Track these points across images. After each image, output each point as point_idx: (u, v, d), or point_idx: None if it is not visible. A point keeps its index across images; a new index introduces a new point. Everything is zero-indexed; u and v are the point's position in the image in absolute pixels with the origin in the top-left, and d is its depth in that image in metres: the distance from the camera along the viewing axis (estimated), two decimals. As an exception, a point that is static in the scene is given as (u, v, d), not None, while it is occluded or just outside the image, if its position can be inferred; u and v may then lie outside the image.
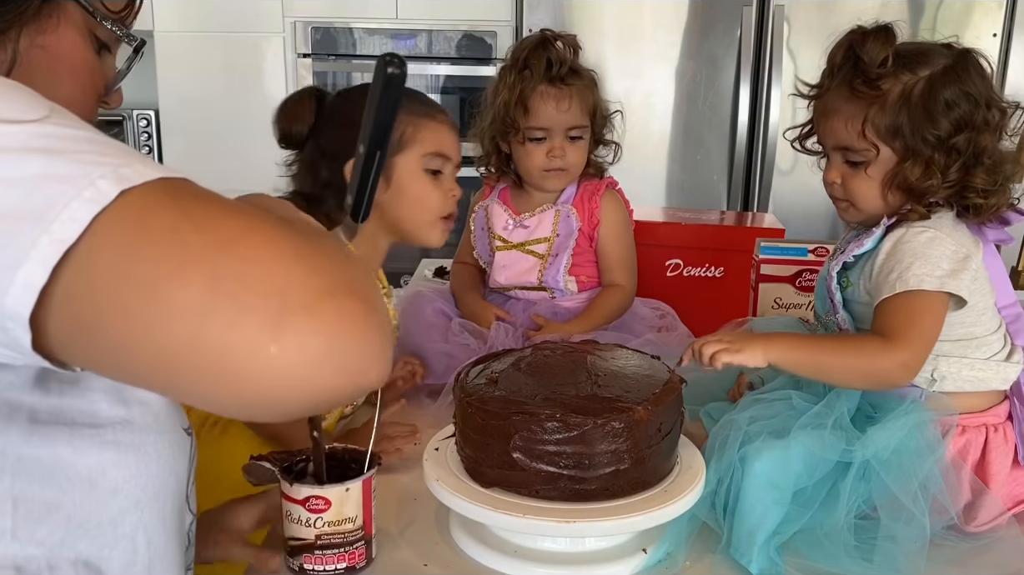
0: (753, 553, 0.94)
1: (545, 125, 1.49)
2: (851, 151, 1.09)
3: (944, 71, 1.05)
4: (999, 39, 2.89)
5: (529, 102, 1.47)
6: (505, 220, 1.58)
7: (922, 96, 1.04)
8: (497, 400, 0.94)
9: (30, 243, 0.45)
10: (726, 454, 1.01)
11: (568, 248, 1.54)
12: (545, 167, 1.51)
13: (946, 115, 1.03)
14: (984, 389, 1.09)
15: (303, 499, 0.87)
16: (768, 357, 1.04)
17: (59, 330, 0.47)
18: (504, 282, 1.57)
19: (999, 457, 1.07)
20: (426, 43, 3.16)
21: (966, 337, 1.08)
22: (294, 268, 0.46)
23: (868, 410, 1.08)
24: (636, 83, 2.96)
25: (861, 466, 1.00)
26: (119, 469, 0.62)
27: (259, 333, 0.44)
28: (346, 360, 0.47)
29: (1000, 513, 1.05)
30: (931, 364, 1.07)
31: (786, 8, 2.85)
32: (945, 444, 1.03)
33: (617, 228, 1.57)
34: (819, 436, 1.00)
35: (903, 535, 0.96)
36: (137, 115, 3.26)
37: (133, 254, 0.46)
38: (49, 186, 0.46)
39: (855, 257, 1.11)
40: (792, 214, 2.77)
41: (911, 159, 1.05)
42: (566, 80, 1.48)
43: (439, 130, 1.28)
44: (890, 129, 1.05)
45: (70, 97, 0.70)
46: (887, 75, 1.05)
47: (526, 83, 1.47)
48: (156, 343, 0.46)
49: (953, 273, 1.03)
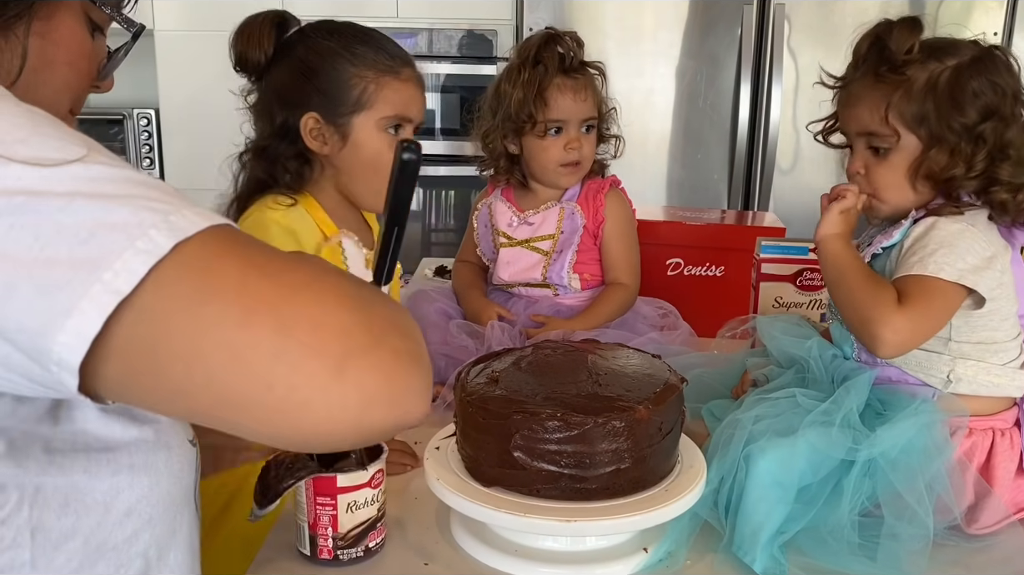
0: (757, 551, 0.94)
1: (563, 117, 1.49)
2: (875, 136, 1.08)
3: (972, 61, 1.04)
4: (999, 38, 2.89)
5: (547, 94, 1.48)
6: (509, 217, 1.58)
7: (949, 83, 1.03)
8: (498, 399, 0.94)
9: (82, 291, 0.46)
10: (730, 452, 1.01)
11: (572, 245, 1.54)
12: (562, 161, 1.51)
13: (972, 103, 1.03)
14: (998, 394, 1.08)
15: (370, 479, 0.90)
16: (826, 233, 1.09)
17: (115, 376, 0.48)
18: (508, 279, 1.57)
19: (1004, 462, 1.07)
20: (427, 42, 3.16)
21: (987, 340, 1.07)
22: (356, 312, 0.50)
23: (877, 406, 1.07)
24: (636, 82, 2.96)
25: (866, 463, 1.00)
26: (132, 490, 0.62)
27: (324, 374, 0.48)
28: (396, 397, 0.50)
29: (1003, 517, 1.04)
30: (948, 365, 1.06)
31: (787, 7, 2.85)
32: (954, 445, 1.02)
33: (621, 226, 1.57)
34: (826, 434, 1.00)
35: (906, 534, 0.96)
36: (137, 115, 3.26)
37: (200, 302, 0.47)
38: (102, 234, 0.47)
39: (883, 249, 1.11)
40: (793, 213, 2.76)
41: (936, 147, 1.04)
42: (579, 72, 1.50)
43: (402, 90, 1.24)
44: (916, 116, 1.05)
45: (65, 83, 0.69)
46: (913, 62, 1.04)
47: (542, 77, 1.48)
48: (224, 386, 0.48)
49: (976, 269, 1.02)
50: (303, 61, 1.21)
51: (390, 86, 1.22)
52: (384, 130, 1.23)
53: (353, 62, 1.21)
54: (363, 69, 1.21)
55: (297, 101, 1.21)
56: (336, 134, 1.22)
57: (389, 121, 1.23)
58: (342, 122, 1.22)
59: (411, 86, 1.25)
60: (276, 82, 1.24)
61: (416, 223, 3.32)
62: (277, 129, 1.22)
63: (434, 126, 3.23)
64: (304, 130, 1.22)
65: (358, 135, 1.22)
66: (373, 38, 1.25)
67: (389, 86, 1.22)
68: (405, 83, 1.24)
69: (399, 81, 1.23)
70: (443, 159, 3.21)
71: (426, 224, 3.32)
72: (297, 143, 1.23)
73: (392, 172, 0.71)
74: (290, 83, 1.22)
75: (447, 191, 3.29)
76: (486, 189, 1.65)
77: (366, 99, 1.21)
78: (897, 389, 1.08)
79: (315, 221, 1.25)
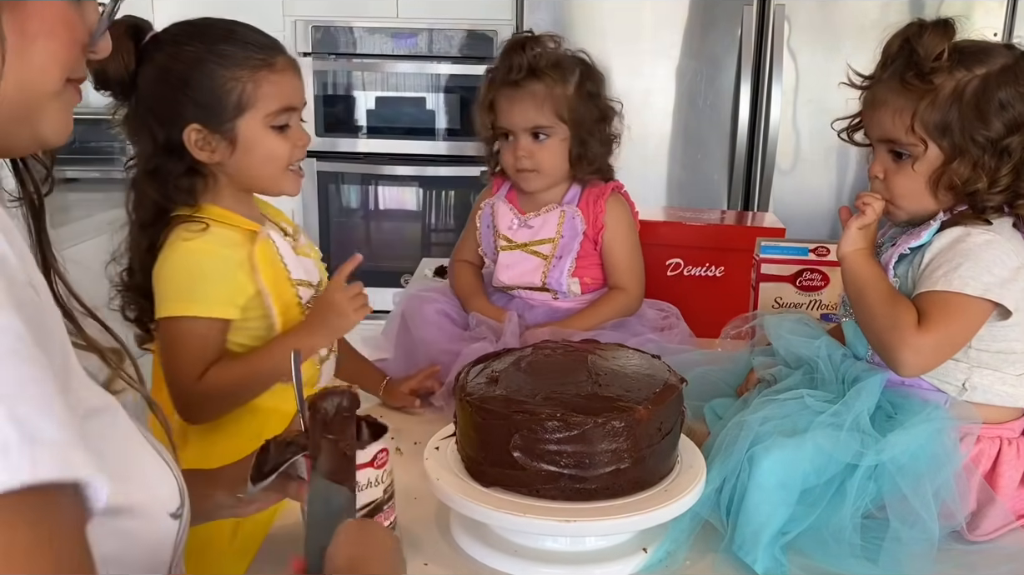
0: (758, 552, 0.94)
1: (505, 125, 1.50)
2: (897, 144, 1.06)
3: (1001, 71, 1.02)
4: (1000, 39, 2.89)
5: (495, 103, 1.50)
6: (510, 219, 1.58)
7: (975, 94, 1.01)
8: (497, 399, 0.94)
9: None
10: (734, 453, 1.00)
11: (572, 250, 1.54)
12: (516, 167, 1.52)
13: (999, 116, 1.01)
14: (1011, 405, 1.07)
15: (371, 459, 0.89)
16: (847, 250, 1.08)
17: None
18: (508, 282, 1.57)
19: (1009, 470, 1.06)
20: (427, 42, 3.16)
21: (1006, 351, 1.06)
22: None
23: (888, 409, 1.06)
24: (636, 82, 2.96)
25: (870, 466, 1.00)
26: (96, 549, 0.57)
27: None
28: None
29: (1005, 524, 1.04)
30: (964, 374, 1.06)
31: (787, 7, 2.84)
32: (963, 454, 1.02)
33: (622, 232, 1.56)
34: (835, 436, 0.99)
35: (910, 537, 0.96)
36: (137, 114, 3.26)
37: None
38: None
39: (911, 250, 1.09)
40: (793, 214, 2.76)
41: (959, 158, 1.02)
42: (522, 82, 1.47)
43: (280, 81, 1.20)
44: (939, 126, 1.02)
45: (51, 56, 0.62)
46: (941, 70, 1.02)
47: (492, 85, 1.50)
48: None
49: (1003, 282, 1.00)
50: (171, 71, 1.16)
51: (267, 80, 1.18)
52: (271, 125, 1.20)
53: (224, 64, 1.17)
54: (236, 70, 1.17)
55: (174, 115, 1.16)
56: (223, 140, 1.19)
57: (275, 116, 1.20)
58: (227, 128, 1.18)
59: (288, 74, 1.21)
60: (147, 97, 1.18)
61: (416, 223, 3.32)
62: (161, 147, 1.18)
63: (434, 126, 3.23)
64: (189, 143, 1.18)
65: (246, 136, 1.19)
66: (237, 33, 1.20)
67: (267, 80, 1.18)
68: (281, 73, 1.20)
69: (275, 73, 1.19)
70: (443, 159, 3.22)
71: (426, 224, 3.32)
72: (185, 158, 1.19)
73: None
74: (162, 97, 1.16)
75: (447, 191, 3.29)
76: (490, 187, 1.65)
77: (246, 99, 1.17)
78: (909, 393, 1.07)
79: (234, 227, 1.22)
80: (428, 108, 3.23)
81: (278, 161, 1.22)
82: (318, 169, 3.20)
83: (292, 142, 1.22)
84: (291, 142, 1.22)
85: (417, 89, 3.21)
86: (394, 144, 3.22)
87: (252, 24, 1.22)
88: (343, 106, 3.23)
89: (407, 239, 3.29)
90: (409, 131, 3.23)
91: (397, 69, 3.19)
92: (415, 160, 3.22)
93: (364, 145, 3.23)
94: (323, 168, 3.19)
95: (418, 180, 3.24)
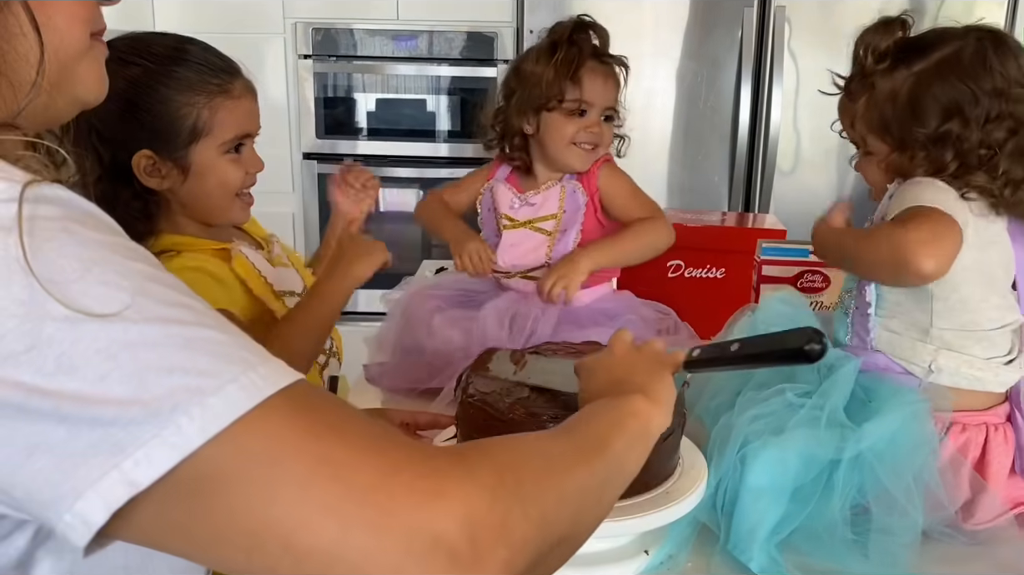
0: (753, 551, 0.94)
1: (590, 99, 1.49)
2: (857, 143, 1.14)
3: (938, 64, 1.03)
4: (1000, 39, 2.90)
5: (580, 74, 1.48)
6: (511, 199, 1.57)
7: (909, 93, 1.05)
8: (499, 400, 0.93)
9: (97, 475, 0.44)
10: (726, 455, 1.01)
11: (576, 223, 1.52)
12: (579, 139, 1.50)
13: (933, 109, 1.03)
14: (980, 389, 1.07)
15: None
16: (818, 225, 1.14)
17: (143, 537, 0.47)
18: (512, 261, 1.55)
19: (998, 457, 1.06)
20: (427, 44, 3.16)
21: (969, 326, 1.05)
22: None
23: (862, 395, 1.06)
24: (636, 84, 2.94)
25: (853, 457, 1.00)
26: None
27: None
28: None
29: (1000, 513, 1.04)
30: (931, 355, 1.05)
31: (787, 9, 2.84)
32: (940, 436, 1.02)
33: (617, 182, 1.55)
34: (814, 435, 1.00)
35: (896, 528, 0.96)
36: (138, 116, 3.26)
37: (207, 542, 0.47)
38: (128, 415, 0.44)
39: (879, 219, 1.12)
40: (793, 215, 2.75)
41: (902, 151, 1.07)
42: (610, 61, 1.52)
43: (236, 108, 1.15)
44: (879, 125, 1.08)
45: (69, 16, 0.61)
46: (880, 72, 1.07)
47: (576, 57, 1.49)
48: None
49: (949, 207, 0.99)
50: (119, 94, 1.05)
51: (224, 107, 1.14)
52: (226, 152, 1.16)
53: (178, 89, 1.11)
54: (191, 95, 1.12)
55: (123, 139, 1.10)
56: (175, 168, 1.14)
57: (230, 143, 1.16)
58: (179, 155, 1.13)
59: (245, 100, 1.17)
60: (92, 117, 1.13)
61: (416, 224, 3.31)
62: (107, 170, 1.11)
63: (435, 128, 3.23)
64: (138, 169, 1.12)
65: (199, 164, 1.14)
66: (191, 54, 1.14)
67: (223, 107, 1.13)
68: (239, 100, 1.16)
69: (232, 100, 1.15)
70: (444, 161, 3.22)
71: (426, 226, 3.32)
72: (133, 183, 1.13)
73: None
74: (110, 119, 1.07)
75: (447, 193, 3.29)
76: (487, 171, 1.63)
77: (201, 126, 1.12)
78: (882, 377, 1.08)
79: (202, 248, 1.18)
80: (429, 110, 3.23)
81: (229, 187, 1.18)
82: (318, 171, 3.20)
83: (245, 168, 1.19)
84: (244, 168, 1.18)
85: (418, 91, 3.21)
86: (395, 146, 3.22)
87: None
88: (343, 108, 3.23)
89: (407, 241, 3.29)
90: (409, 133, 3.23)
91: (397, 71, 3.19)
92: (415, 162, 3.22)
93: (364, 147, 3.23)
94: (323, 170, 3.18)
95: (418, 182, 3.24)
